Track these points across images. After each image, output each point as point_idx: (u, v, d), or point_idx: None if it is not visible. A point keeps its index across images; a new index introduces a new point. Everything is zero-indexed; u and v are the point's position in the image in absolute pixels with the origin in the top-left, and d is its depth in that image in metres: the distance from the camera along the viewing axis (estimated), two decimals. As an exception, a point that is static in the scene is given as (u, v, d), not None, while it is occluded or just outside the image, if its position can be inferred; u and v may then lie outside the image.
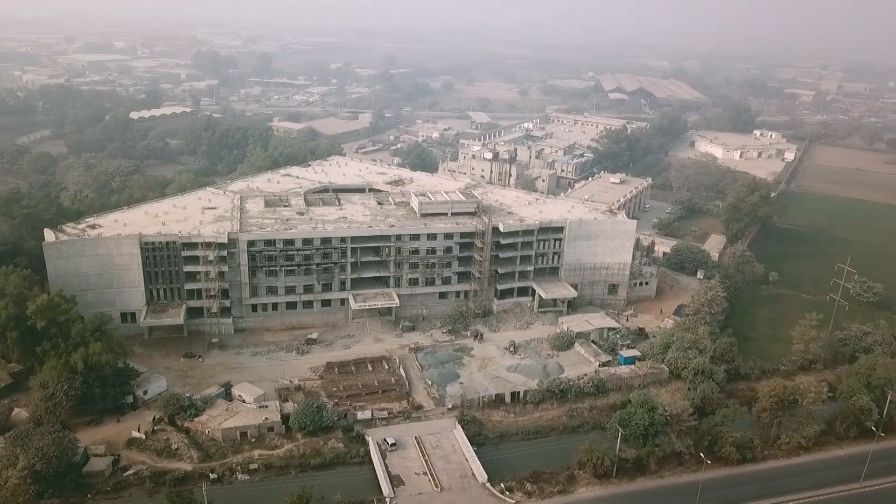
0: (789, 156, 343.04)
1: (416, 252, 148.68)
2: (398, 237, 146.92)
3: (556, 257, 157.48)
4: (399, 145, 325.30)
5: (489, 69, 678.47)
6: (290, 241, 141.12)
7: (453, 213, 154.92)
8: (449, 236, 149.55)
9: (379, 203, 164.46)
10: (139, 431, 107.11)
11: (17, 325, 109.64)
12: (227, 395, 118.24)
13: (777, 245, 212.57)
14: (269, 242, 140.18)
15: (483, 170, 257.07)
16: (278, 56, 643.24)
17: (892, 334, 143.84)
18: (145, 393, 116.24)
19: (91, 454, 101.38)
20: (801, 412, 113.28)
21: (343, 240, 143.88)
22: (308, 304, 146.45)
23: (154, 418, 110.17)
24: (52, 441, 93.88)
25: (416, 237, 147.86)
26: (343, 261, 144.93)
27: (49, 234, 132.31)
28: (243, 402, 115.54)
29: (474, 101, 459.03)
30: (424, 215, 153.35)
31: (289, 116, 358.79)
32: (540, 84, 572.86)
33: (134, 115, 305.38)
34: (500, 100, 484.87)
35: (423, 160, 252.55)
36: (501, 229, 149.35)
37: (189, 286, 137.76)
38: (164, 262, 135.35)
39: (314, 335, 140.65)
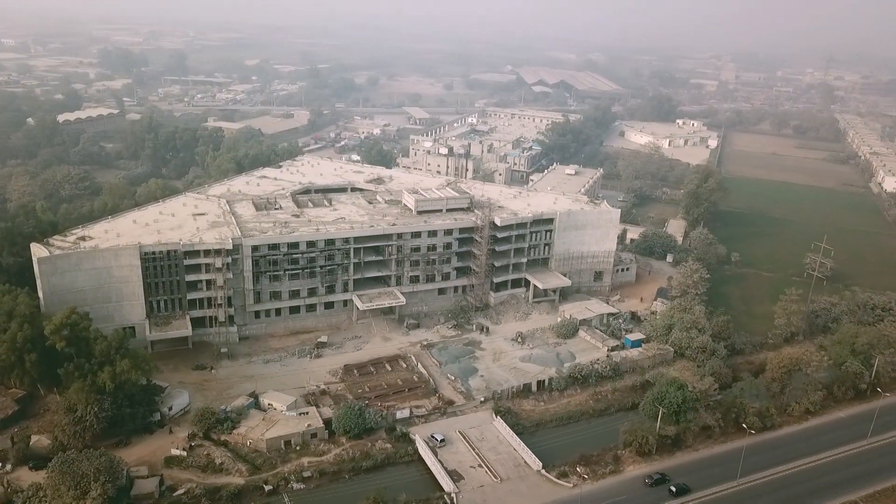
0: (712, 143, 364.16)
1: (416, 250, 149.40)
2: (399, 236, 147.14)
3: (546, 248, 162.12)
4: (343, 142, 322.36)
5: (407, 64, 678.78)
6: (294, 245, 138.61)
7: (448, 210, 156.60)
8: (448, 232, 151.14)
9: (369, 202, 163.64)
10: (178, 448, 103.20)
11: (34, 347, 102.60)
12: (256, 404, 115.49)
13: (726, 227, 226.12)
14: (273, 247, 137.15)
15: (439, 165, 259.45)
16: (187, 53, 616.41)
17: (855, 304, 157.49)
18: (170, 409, 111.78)
19: (133, 476, 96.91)
20: (801, 380, 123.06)
21: (346, 241, 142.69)
22: (311, 308, 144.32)
23: (189, 434, 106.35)
24: (103, 465, 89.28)
25: (417, 235, 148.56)
26: (346, 262, 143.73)
27: (37, 249, 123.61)
28: (274, 410, 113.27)
29: (405, 97, 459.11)
30: (421, 212, 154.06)
31: (223, 116, 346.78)
32: (461, 78, 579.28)
33: (60, 118, 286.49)
34: (428, 94, 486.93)
35: (382, 157, 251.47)
36: (498, 223, 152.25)
37: (191, 296, 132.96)
38: (166, 272, 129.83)
39: (324, 338, 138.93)
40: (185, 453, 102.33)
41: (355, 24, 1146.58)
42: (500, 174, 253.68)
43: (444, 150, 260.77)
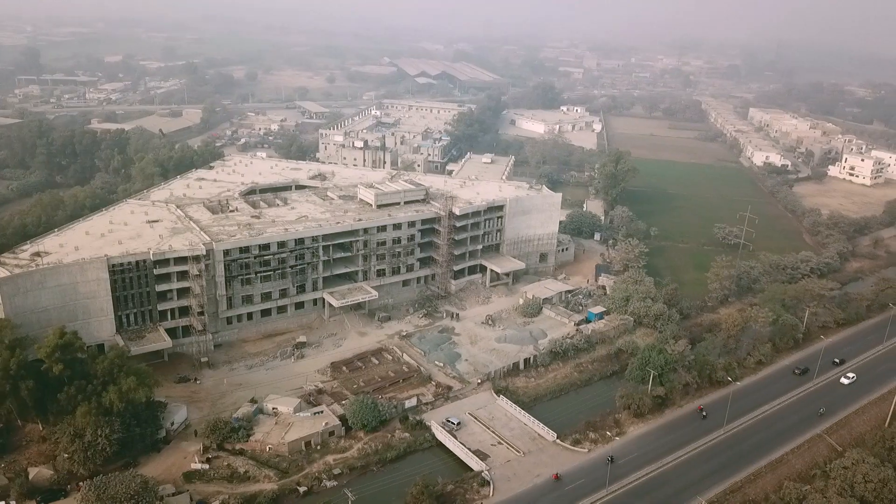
0: (597, 127, 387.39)
1: (382, 243, 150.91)
2: (365, 230, 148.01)
3: (498, 234, 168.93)
4: (243, 140, 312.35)
5: (279, 58, 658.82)
6: (265, 246, 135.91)
7: (405, 202, 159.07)
8: (412, 224, 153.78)
9: (322, 199, 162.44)
10: (197, 462, 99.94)
11: (28, 373, 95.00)
12: (259, 410, 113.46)
13: (634, 205, 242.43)
14: (244, 249, 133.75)
15: (355, 158, 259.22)
16: (37, 50, 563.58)
17: (769, 266, 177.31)
18: (172, 424, 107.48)
19: (162, 495, 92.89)
20: (748, 336, 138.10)
21: (314, 239, 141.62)
22: (282, 309, 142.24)
23: (203, 446, 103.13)
24: (139, 487, 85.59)
25: (382, 229, 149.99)
26: (315, 260, 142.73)
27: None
28: (281, 413, 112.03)
29: (291, 91, 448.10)
30: (381, 206, 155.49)
31: (105, 117, 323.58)
32: (341, 71, 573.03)
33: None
34: (312, 88, 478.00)
35: (302, 152, 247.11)
36: (457, 213, 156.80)
37: (161, 306, 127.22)
38: (135, 283, 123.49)
39: (303, 339, 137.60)
40: (207, 466, 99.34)
41: (206, 17, 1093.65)
42: (418, 165, 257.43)
43: (359, 144, 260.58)
